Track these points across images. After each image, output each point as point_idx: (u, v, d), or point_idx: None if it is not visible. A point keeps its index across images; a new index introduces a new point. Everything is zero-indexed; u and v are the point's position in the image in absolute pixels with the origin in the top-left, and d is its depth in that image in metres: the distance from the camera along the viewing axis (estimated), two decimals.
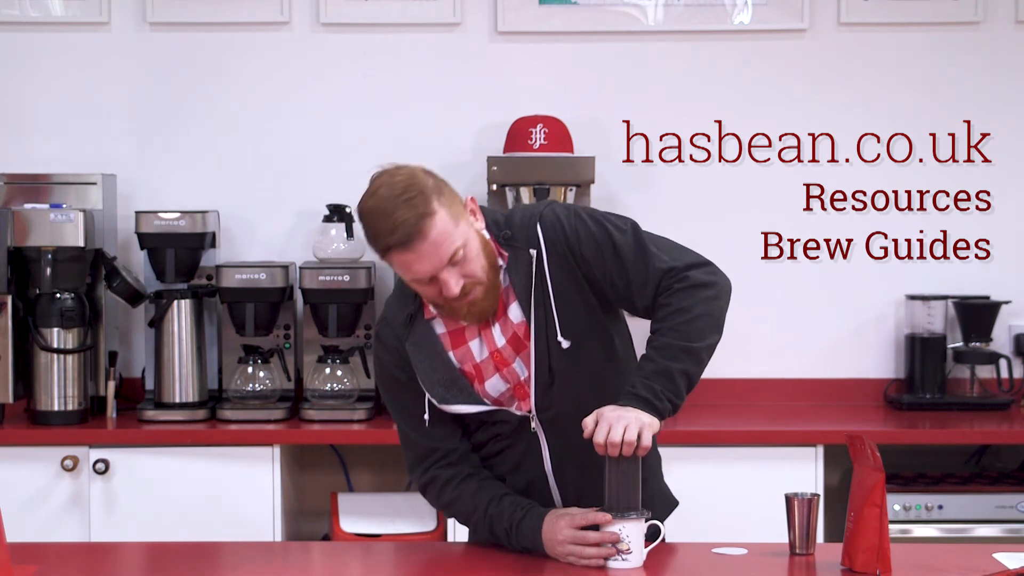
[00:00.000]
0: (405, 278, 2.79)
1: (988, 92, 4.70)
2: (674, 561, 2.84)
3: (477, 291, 2.77)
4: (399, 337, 2.87)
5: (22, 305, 4.31)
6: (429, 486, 2.93)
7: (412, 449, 2.93)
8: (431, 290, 2.76)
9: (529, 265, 2.81)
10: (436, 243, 2.70)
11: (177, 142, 4.69)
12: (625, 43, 4.70)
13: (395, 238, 2.71)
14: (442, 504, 2.95)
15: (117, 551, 3.19)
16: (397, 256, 2.73)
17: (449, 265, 2.72)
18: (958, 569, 2.77)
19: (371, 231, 2.79)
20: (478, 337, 2.86)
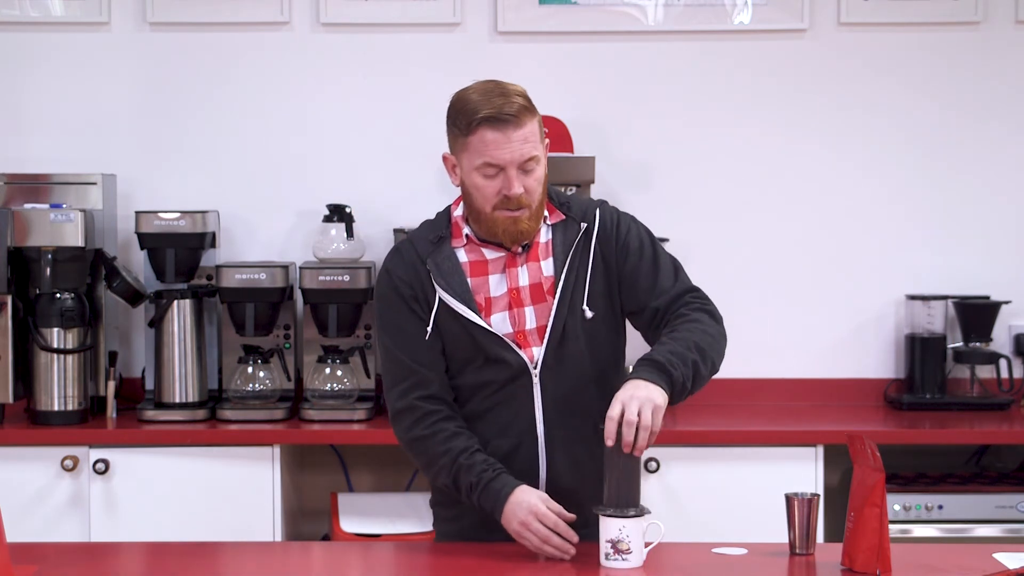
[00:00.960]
0: (475, 161, 2.87)
1: (988, 92, 4.70)
2: (674, 561, 2.84)
3: (524, 212, 2.89)
4: (421, 254, 2.96)
5: (22, 305, 4.31)
6: (404, 413, 2.95)
7: (395, 369, 2.96)
8: (492, 184, 2.87)
9: (577, 233, 2.96)
10: (525, 138, 2.85)
11: (177, 142, 4.69)
12: (625, 43, 4.70)
13: (494, 111, 2.84)
14: (411, 437, 2.95)
15: (117, 551, 3.19)
16: (488, 131, 2.84)
17: (520, 168, 2.86)
18: (958, 569, 2.77)
19: (468, 104, 2.89)
20: (501, 273, 2.95)
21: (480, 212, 2.92)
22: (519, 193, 2.87)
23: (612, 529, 2.75)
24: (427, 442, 2.93)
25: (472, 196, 2.92)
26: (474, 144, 2.87)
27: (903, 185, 4.71)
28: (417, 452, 2.96)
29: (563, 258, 2.95)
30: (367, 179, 4.70)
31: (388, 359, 2.98)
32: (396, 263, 2.99)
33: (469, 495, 2.88)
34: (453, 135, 2.94)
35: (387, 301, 2.99)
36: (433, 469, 2.94)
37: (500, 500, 2.85)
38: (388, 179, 4.69)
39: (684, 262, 4.63)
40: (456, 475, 2.89)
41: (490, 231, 2.93)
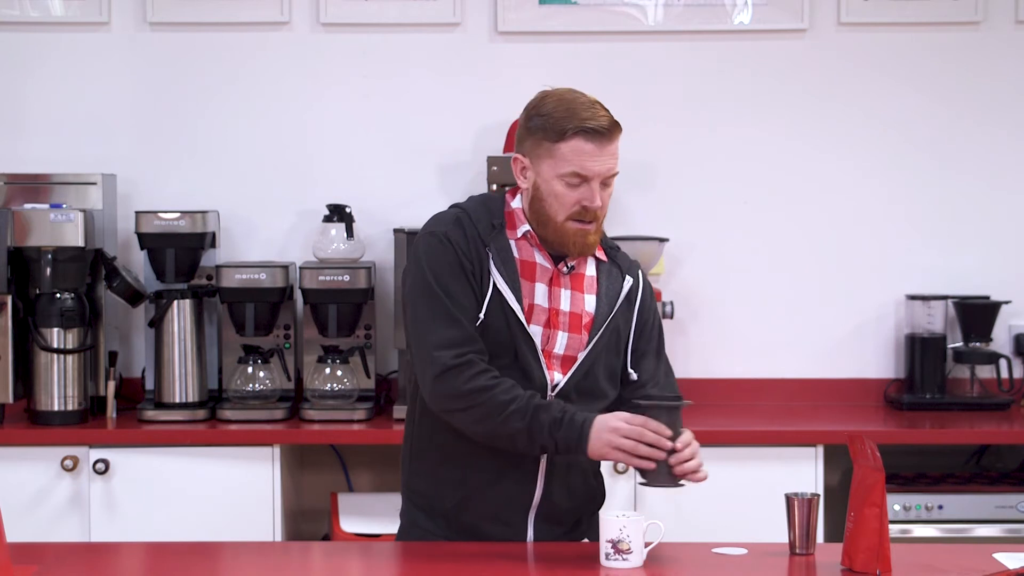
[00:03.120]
0: (562, 169, 2.88)
1: (988, 92, 4.70)
2: (674, 561, 2.84)
3: (594, 226, 2.92)
4: (483, 234, 2.93)
5: (22, 305, 4.31)
6: (463, 367, 2.86)
7: (451, 328, 2.87)
8: (574, 194, 2.88)
9: (621, 284, 3.01)
10: (613, 154, 2.89)
11: (177, 142, 4.69)
12: (625, 43, 4.70)
13: (594, 122, 2.86)
14: (474, 387, 2.85)
15: (117, 551, 3.19)
16: (582, 142, 2.86)
17: (603, 182, 2.89)
18: (958, 569, 2.77)
19: (566, 108, 2.90)
20: (546, 285, 2.95)
21: (551, 219, 2.91)
22: (599, 204, 2.89)
23: (612, 529, 2.76)
24: (493, 391, 2.85)
25: (547, 203, 2.91)
26: (565, 152, 2.87)
27: (903, 185, 4.71)
28: (479, 402, 2.84)
29: (608, 305, 2.98)
30: (367, 179, 4.70)
31: (444, 317, 2.88)
32: (457, 234, 2.93)
33: (551, 432, 2.81)
34: (536, 139, 2.92)
35: (447, 265, 2.91)
36: (500, 416, 2.83)
37: (585, 427, 2.82)
38: (388, 179, 4.69)
39: (684, 262, 4.70)
40: (533, 415, 2.82)
41: (558, 240, 2.92)
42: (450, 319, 2.89)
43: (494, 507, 2.97)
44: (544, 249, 2.96)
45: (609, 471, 4.07)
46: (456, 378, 2.86)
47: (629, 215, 4.68)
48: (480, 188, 4.52)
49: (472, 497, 2.97)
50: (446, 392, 2.88)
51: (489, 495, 2.96)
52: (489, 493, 2.96)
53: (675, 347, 4.64)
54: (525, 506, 2.97)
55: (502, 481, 2.94)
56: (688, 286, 4.68)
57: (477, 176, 4.58)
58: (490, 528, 2.98)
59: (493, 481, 2.95)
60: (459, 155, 4.67)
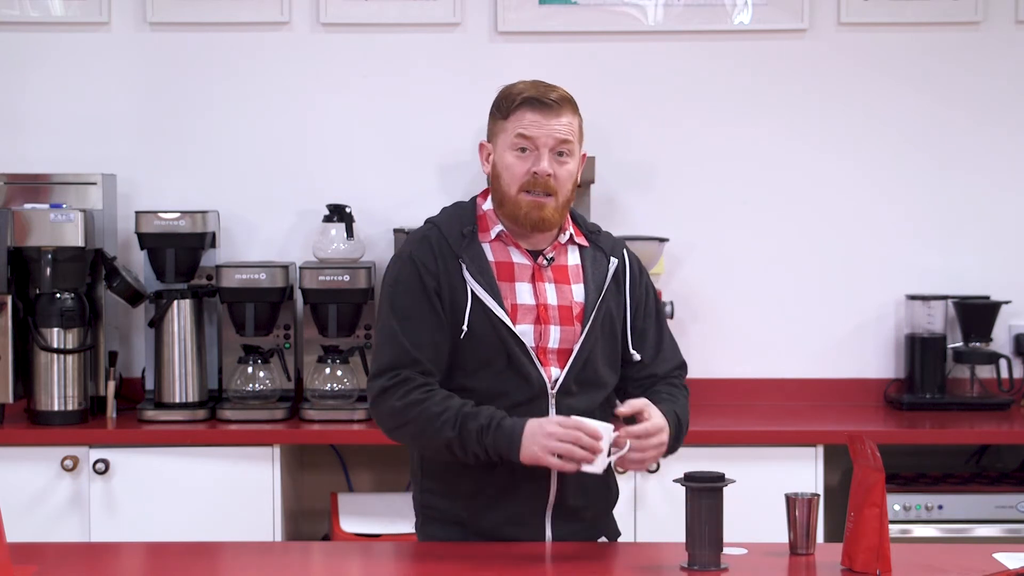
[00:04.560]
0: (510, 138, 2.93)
1: (988, 92, 4.70)
2: (674, 561, 2.84)
3: (550, 201, 2.92)
4: (454, 246, 2.95)
5: (22, 305, 4.31)
6: (397, 385, 2.88)
7: (395, 352, 2.91)
8: (523, 163, 2.92)
9: (606, 266, 3.02)
10: (564, 125, 2.93)
11: (177, 142, 4.69)
12: (625, 43, 4.70)
13: (540, 94, 2.93)
14: (406, 403, 2.87)
15: (117, 551, 3.19)
16: (527, 112, 2.92)
17: (553, 152, 2.92)
18: (958, 569, 2.77)
19: (517, 87, 2.99)
20: (528, 283, 2.96)
21: (506, 196, 2.95)
22: (547, 170, 2.90)
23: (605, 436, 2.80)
24: (424, 403, 2.87)
25: (502, 179, 2.95)
26: (511, 123, 2.94)
27: (903, 185, 4.71)
28: (411, 417, 2.87)
29: (596, 289, 2.99)
30: (367, 179, 4.70)
31: (389, 342, 2.93)
32: (424, 252, 2.95)
33: (480, 439, 2.82)
34: (493, 120, 3.00)
35: (407, 287, 2.94)
36: (432, 427, 2.86)
37: (516, 433, 2.82)
38: (388, 179, 4.69)
39: (684, 262, 4.70)
40: (462, 424, 2.83)
41: (512, 215, 2.94)
42: (395, 345, 2.92)
43: (511, 511, 2.96)
44: (520, 246, 2.98)
45: None
46: (390, 398, 2.90)
47: (629, 215, 4.68)
48: (480, 188, 4.50)
49: (489, 505, 2.97)
50: (383, 413, 2.93)
51: (505, 501, 2.95)
52: (505, 499, 2.95)
53: None
54: (541, 507, 2.96)
55: (517, 486, 2.94)
56: (688, 286, 4.68)
57: (477, 176, 4.58)
58: (509, 531, 2.97)
59: (508, 487, 2.94)
60: (459, 155, 4.67)
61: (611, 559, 2.89)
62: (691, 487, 2.74)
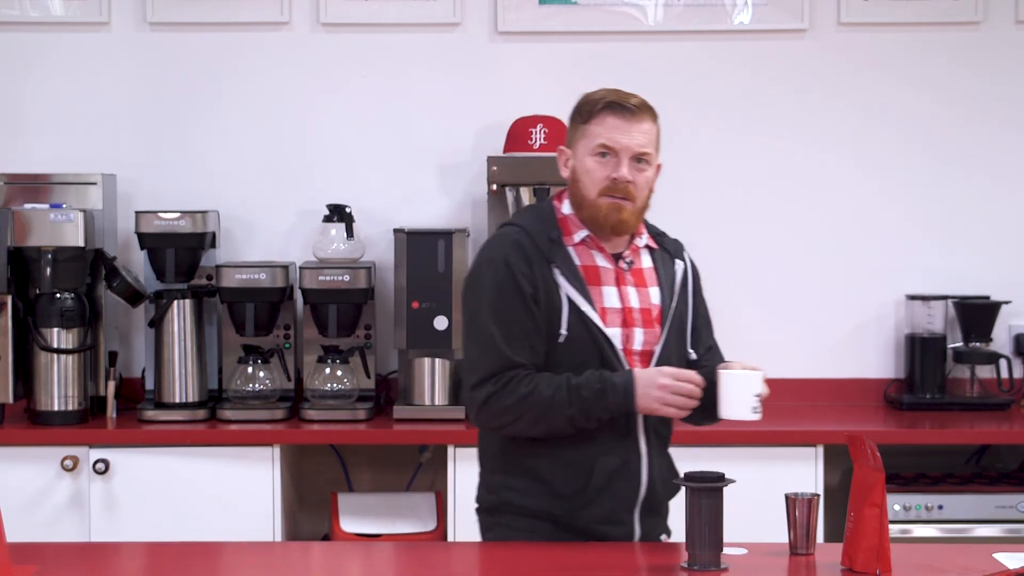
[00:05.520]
0: (591, 144, 2.99)
1: (988, 92, 4.70)
2: (674, 561, 2.84)
3: (628, 204, 3.00)
4: (544, 252, 2.99)
5: (22, 305, 4.31)
6: (501, 390, 2.92)
7: (494, 358, 2.94)
8: (603, 168, 2.99)
9: (674, 269, 3.13)
10: (645, 132, 3.01)
11: (177, 142, 4.69)
12: (625, 43, 4.70)
13: (621, 99, 3.00)
14: (516, 399, 2.92)
15: (117, 551, 3.19)
16: (611, 116, 2.99)
17: (633, 159, 2.99)
18: (958, 569, 2.77)
19: (597, 94, 3.05)
20: (613, 286, 3.03)
21: (585, 199, 3.01)
22: (627, 177, 2.97)
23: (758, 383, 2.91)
24: (534, 393, 2.92)
25: (581, 183, 3.01)
26: (593, 129, 3.00)
27: (903, 185, 4.71)
28: (526, 408, 2.92)
29: (670, 292, 3.09)
30: (367, 179, 4.70)
31: (489, 349, 2.95)
32: (517, 257, 2.98)
33: (600, 400, 2.89)
34: (573, 126, 3.06)
35: (503, 293, 2.97)
36: (551, 411, 2.91)
37: (628, 388, 2.92)
38: (388, 179, 4.69)
39: None
40: (576, 396, 2.90)
41: (593, 218, 3.01)
42: (493, 350, 2.96)
43: (607, 509, 2.99)
44: (604, 250, 3.04)
45: None
46: (500, 399, 2.94)
47: None
48: (480, 188, 4.52)
49: (586, 504, 2.99)
50: (494, 413, 2.96)
51: (600, 499, 2.98)
52: (600, 497, 2.98)
53: None
54: (632, 503, 3.01)
55: (613, 484, 2.97)
56: None
57: (477, 176, 4.58)
58: (602, 529, 3.00)
59: (604, 486, 2.97)
60: (459, 155, 4.67)
61: (611, 559, 2.89)
62: (691, 487, 2.74)
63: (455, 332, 4.34)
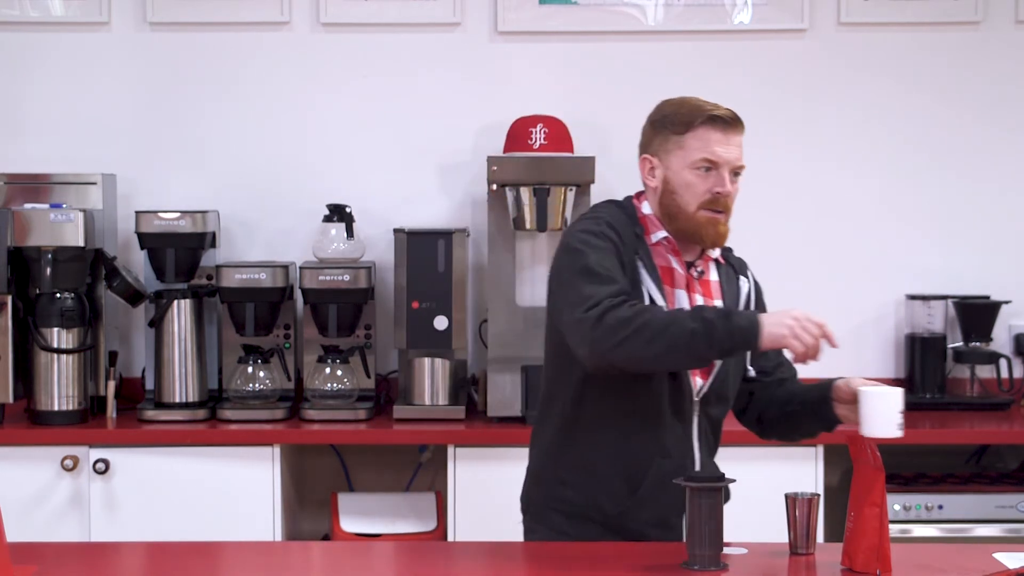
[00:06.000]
0: (691, 157, 2.97)
1: (988, 92, 4.70)
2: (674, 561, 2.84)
3: (722, 217, 3.01)
4: (628, 243, 2.97)
5: (22, 305, 4.31)
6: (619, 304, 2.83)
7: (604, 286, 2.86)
8: (704, 182, 2.98)
9: (738, 286, 3.12)
10: (739, 145, 3.02)
11: (177, 142, 4.69)
12: (625, 43, 4.70)
13: (722, 113, 2.99)
14: (634, 311, 2.82)
15: (117, 551, 3.19)
16: (710, 130, 2.97)
17: (732, 171, 3.00)
18: (958, 569, 2.78)
19: (690, 104, 3.03)
20: (684, 291, 3.01)
21: (682, 211, 2.99)
22: (730, 191, 2.97)
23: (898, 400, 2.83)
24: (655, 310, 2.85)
25: (678, 195, 2.99)
26: (692, 141, 2.98)
27: (903, 185, 4.71)
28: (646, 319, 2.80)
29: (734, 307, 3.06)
30: (367, 179, 4.70)
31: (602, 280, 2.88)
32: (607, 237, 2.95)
33: (724, 321, 2.80)
34: (663, 136, 3.03)
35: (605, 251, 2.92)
36: (674, 324, 2.80)
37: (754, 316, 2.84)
38: (388, 179, 4.69)
39: None
40: (700, 312, 2.82)
41: (690, 231, 2.99)
42: (607, 280, 2.89)
43: (659, 511, 2.98)
44: (679, 255, 3.02)
45: None
46: (616, 311, 2.82)
47: None
48: (480, 188, 4.52)
49: (641, 505, 2.99)
50: (611, 326, 2.81)
51: (654, 503, 2.97)
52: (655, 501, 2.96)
53: None
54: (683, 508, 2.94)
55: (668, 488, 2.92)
56: None
57: (477, 176, 4.58)
58: (652, 532, 3.00)
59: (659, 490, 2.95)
60: (459, 155, 4.67)
61: (611, 559, 2.89)
62: (691, 487, 2.74)
63: (455, 332, 4.35)
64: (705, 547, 2.73)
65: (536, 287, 4.58)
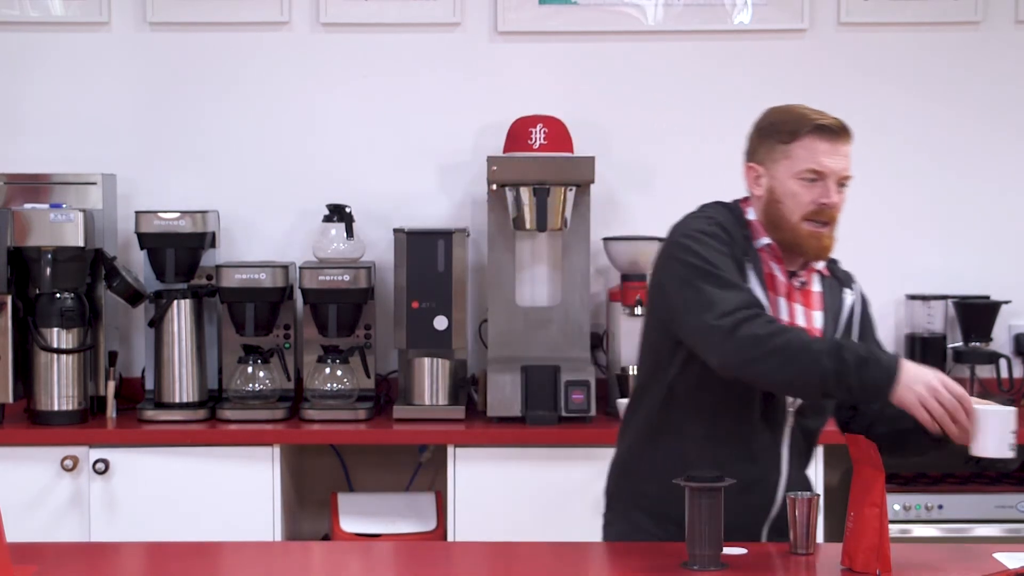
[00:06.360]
0: (797, 167, 2.95)
1: (988, 92, 4.70)
2: (674, 561, 2.84)
3: (828, 229, 2.97)
4: (739, 246, 2.93)
5: (22, 305, 4.31)
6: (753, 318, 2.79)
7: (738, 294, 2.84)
8: (810, 192, 2.95)
9: (842, 299, 3.06)
10: (845, 155, 3.00)
11: (177, 142, 4.69)
12: (625, 43, 4.70)
13: (829, 122, 2.96)
14: (769, 331, 2.77)
15: (117, 551, 3.19)
16: (818, 140, 2.95)
17: (838, 181, 2.98)
18: (958, 569, 2.78)
19: (796, 113, 3.01)
20: (784, 299, 2.97)
21: (785, 221, 2.95)
22: (836, 203, 2.95)
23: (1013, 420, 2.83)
24: (792, 331, 2.81)
25: (783, 204, 2.95)
26: (798, 151, 2.95)
27: (903, 185, 4.71)
28: (780, 343, 2.76)
29: (833, 320, 3.02)
30: (367, 179, 4.70)
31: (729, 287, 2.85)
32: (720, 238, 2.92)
33: (858, 370, 2.74)
34: (769, 144, 3.01)
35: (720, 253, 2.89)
36: (807, 354, 2.75)
37: (892, 368, 2.77)
38: (388, 179, 4.69)
39: None
40: (838, 353, 2.74)
41: (793, 242, 2.95)
42: (732, 287, 2.86)
43: (736, 516, 2.89)
44: (782, 263, 2.99)
45: None
46: (750, 326, 2.78)
47: (629, 215, 4.68)
48: (480, 188, 4.52)
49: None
50: (745, 342, 2.78)
51: (732, 505, 2.88)
52: (733, 503, 2.88)
53: None
54: (763, 517, 2.97)
55: (748, 492, 2.92)
56: None
57: (477, 176, 4.58)
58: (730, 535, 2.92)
59: (739, 491, 2.88)
60: (459, 155, 4.67)
61: (611, 559, 2.89)
62: (691, 487, 2.74)
63: (455, 332, 4.35)
64: (705, 547, 2.73)
65: (536, 287, 4.59)
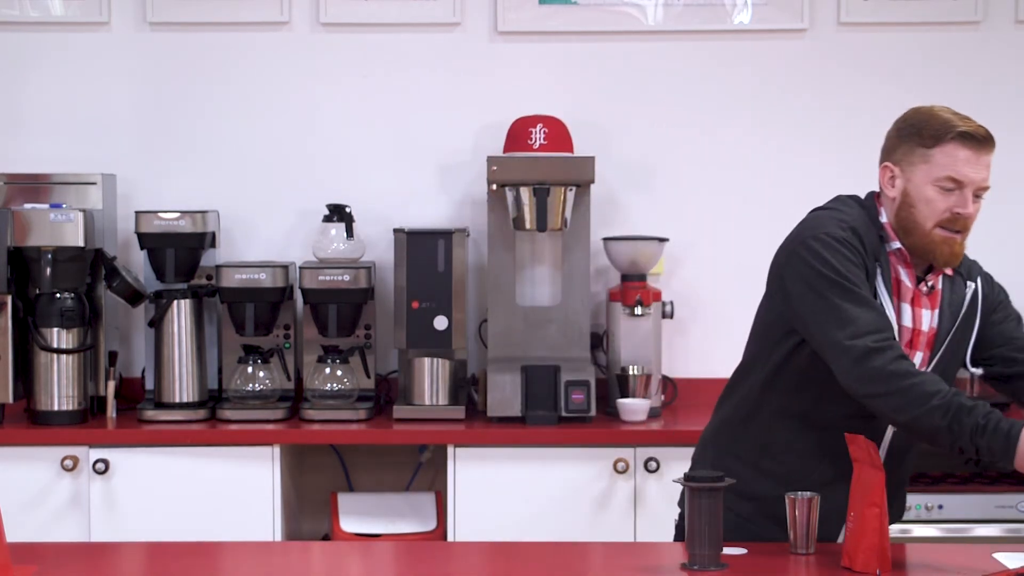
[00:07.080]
0: (936, 174, 2.89)
1: (988, 92, 4.70)
2: (674, 562, 2.84)
3: (958, 237, 2.91)
4: (869, 248, 2.90)
5: (22, 305, 4.31)
6: (884, 350, 2.78)
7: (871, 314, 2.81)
8: (945, 200, 2.88)
9: (964, 292, 3.00)
10: (987, 165, 2.93)
11: (177, 142, 4.69)
12: (625, 43, 4.70)
13: (971, 129, 2.90)
14: (896, 369, 2.77)
15: (117, 551, 3.19)
16: (960, 147, 2.89)
17: (975, 193, 2.91)
18: (958, 569, 2.78)
19: (941, 117, 2.94)
20: (909, 304, 2.94)
21: (918, 227, 2.91)
22: (971, 212, 2.89)
23: None
24: (915, 377, 2.78)
25: (916, 209, 2.91)
26: (940, 157, 2.89)
27: None
28: (900, 387, 2.77)
29: (952, 316, 2.98)
30: (367, 179, 4.70)
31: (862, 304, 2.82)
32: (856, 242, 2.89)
33: (973, 437, 2.77)
34: (909, 146, 2.94)
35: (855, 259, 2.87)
36: (922, 407, 2.76)
37: (1013, 437, 2.77)
38: (388, 179, 4.69)
39: (684, 262, 4.69)
40: (955, 415, 2.75)
41: (923, 248, 2.91)
42: (865, 304, 2.83)
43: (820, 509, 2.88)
44: (910, 267, 2.95)
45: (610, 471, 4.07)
46: (877, 359, 2.78)
47: (629, 215, 4.68)
48: (480, 188, 4.53)
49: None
50: (868, 374, 2.78)
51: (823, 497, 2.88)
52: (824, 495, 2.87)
53: (675, 347, 4.64)
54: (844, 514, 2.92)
55: (836, 487, 2.89)
56: (688, 286, 4.68)
57: (477, 176, 4.58)
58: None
59: (828, 483, 2.89)
60: (459, 155, 4.67)
61: (611, 559, 2.89)
62: (691, 487, 2.74)
63: (455, 332, 4.35)
64: (705, 547, 2.73)
65: (536, 287, 4.58)
